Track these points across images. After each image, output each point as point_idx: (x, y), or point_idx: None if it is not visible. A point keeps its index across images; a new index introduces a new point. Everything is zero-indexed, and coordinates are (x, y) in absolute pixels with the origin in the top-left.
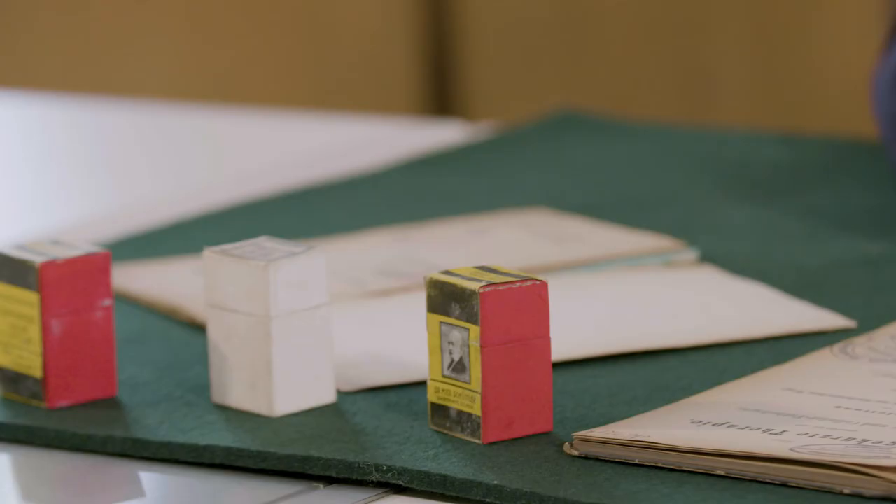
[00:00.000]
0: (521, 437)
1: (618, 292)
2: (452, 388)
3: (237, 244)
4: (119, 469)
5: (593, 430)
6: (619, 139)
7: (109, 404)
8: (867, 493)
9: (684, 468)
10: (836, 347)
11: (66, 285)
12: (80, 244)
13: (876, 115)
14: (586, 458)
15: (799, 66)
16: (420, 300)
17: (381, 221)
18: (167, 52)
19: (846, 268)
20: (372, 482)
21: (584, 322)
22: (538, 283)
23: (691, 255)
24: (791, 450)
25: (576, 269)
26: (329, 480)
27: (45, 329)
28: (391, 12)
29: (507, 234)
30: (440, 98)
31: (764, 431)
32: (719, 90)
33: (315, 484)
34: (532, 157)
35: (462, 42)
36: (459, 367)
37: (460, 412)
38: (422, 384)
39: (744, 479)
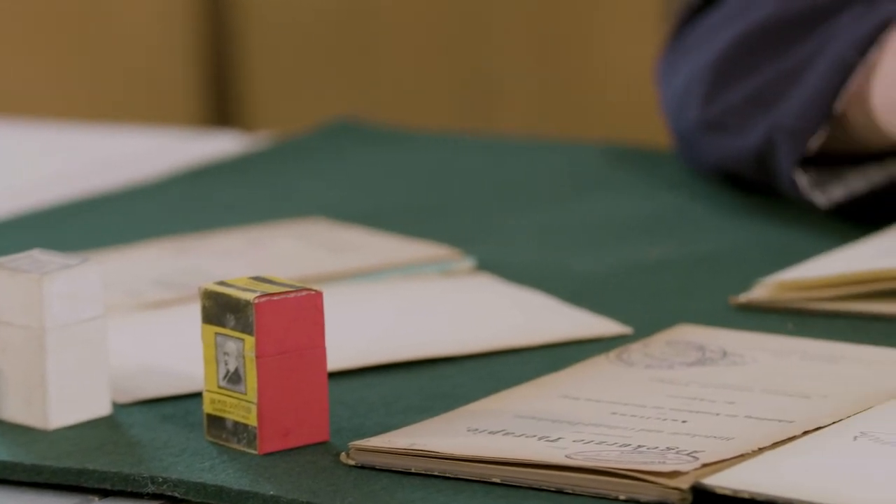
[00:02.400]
0: (298, 448)
1: (394, 302)
2: (228, 399)
3: (11, 257)
4: None
5: (370, 439)
6: (398, 149)
7: None
8: (643, 498)
9: (461, 476)
10: (613, 354)
11: None
12: None
13: (674, 118)
14: (363, 467)
15: (580, 75)
16: (196, 311)
17: (160, 233)
18: None
19: (623, 275)
20: (148, 494)
21: (360, 332)
22: (313, 293)
23: (468, 263)
24: (567, 456)
25: (352, 279)
26: (104, 493)
27: None
28: (169, 24)
29: (284, 244)
30: (220, 109)
31: (540, 438)
32: (501, 99)
33: (90, 497)
34: (311, 167)
35: (242, 53)
36: (235, 378)
37: (236, 423)
38: (198, 395)
39: (520, 487)
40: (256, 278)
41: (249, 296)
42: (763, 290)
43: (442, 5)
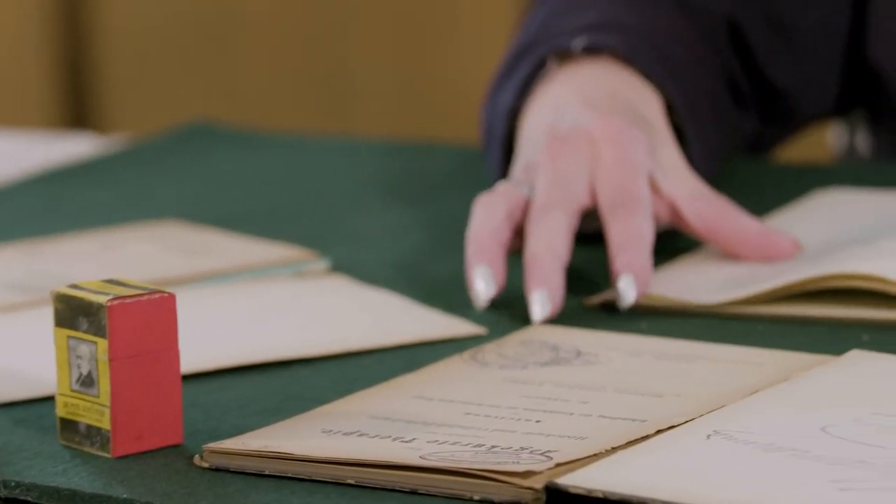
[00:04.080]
0: (152, 451)
1: (249, 303)
2: (81, 403)
3: None
4: None
5: (224, 441)
6: (253, 151)
7: None
8: (497, 498)
9: (315, 478)
10: (467, 354)
11: None
12: None
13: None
14: (217, 469)
15: (437, 77)
16: (49, 315)
17: (12, 236)
18: None
19: None
20: (0, 499)
21: (214, 334)
22: (166, 295)
23: (322, 265)
24: (421, 457)
25: (206, 282)
26: None
27: None
28: (24, 27)
29: (138, 247)
30: (75, 112)
31: (394, 439)
32: (359, 100)
33: None
34: (166, 169)
35: (97, 56)
36: (88, 381)
37: (89, 426)
38: (51, 399)
39: (374, 488)
40: (109, 281)
41: (102, 299)
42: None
43: (298, 8)
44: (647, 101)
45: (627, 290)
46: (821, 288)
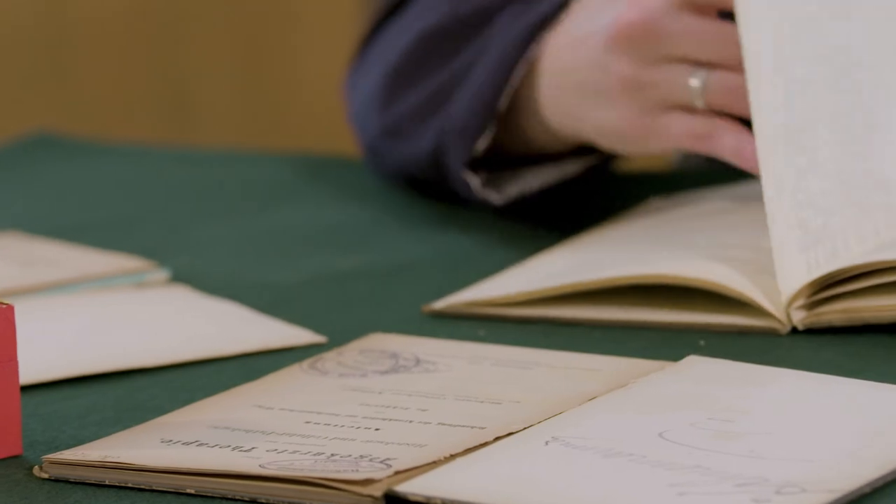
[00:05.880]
0: None
1: (89, 314)
2: None
3: None
4: None
5: (63, 452)
6: (95, 161)
7: None
8: None
9: (155, 488)
10: (307, 363)
11: None
12: None
13: (360, 124)
14: (57, 480)
15: (278, 87)
16: None
17: None
18: None
19: (317, 284)
20: None
21: (54, 344)
22: (4, 306)
23: (163, 275)
24: (261, 466)
25: (46, 292)
26: None
27: None
28: None
29: None
30: None
31: (234, 449)
32: (201, 111)
33: None
34: (6, 180)
35: None
36: None
37: None
38: None
39: (215, 497)
40: None
41: None
42: (456, 298)
43: (140, 19)
44: None
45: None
46: (617, 285)
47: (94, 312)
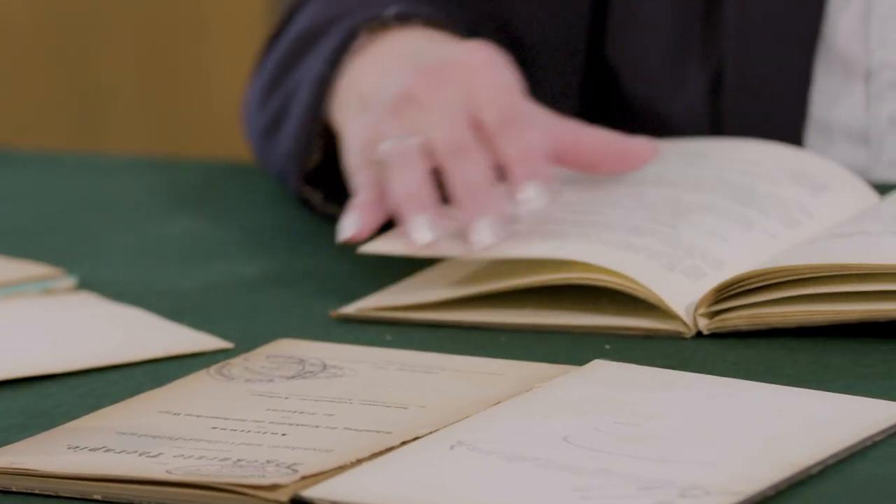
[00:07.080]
0: None
1: None
2: None
3: None
4: None
5: None
6: (3, 170)
7: None
8: None
9: (62, 494)
10: (213, 369)
11: None
12: None
13: (247, 135)
14: None
15: (187, 93)
16: None
17: None
18: None
19: (223, 290)
20: None
21: None
22: None
23: (69, 282)
24: (167, 472)
25: None
26: None
27: None
28: None
29: None
30: None
31: (140, 454)
32: (110, 119)
33: None
34: None
35: None
36: None
37: None
38: None
39: (121, 503)
40: None
41: None
42: (365, 303)
43: (47, 26)
44: None
45: (539, 197)
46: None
47: (0, 319)
